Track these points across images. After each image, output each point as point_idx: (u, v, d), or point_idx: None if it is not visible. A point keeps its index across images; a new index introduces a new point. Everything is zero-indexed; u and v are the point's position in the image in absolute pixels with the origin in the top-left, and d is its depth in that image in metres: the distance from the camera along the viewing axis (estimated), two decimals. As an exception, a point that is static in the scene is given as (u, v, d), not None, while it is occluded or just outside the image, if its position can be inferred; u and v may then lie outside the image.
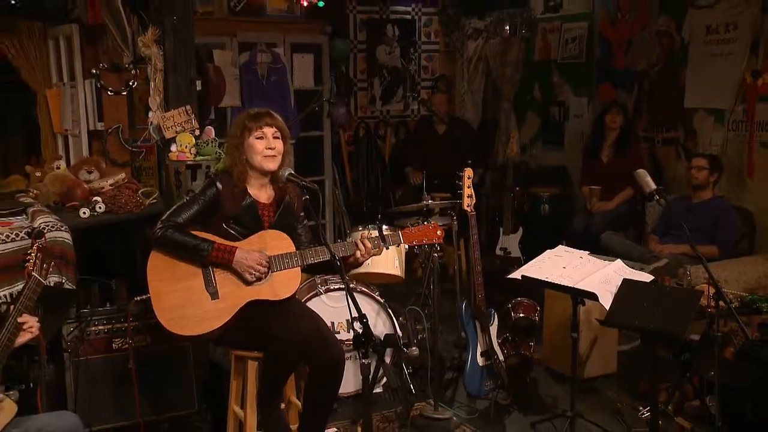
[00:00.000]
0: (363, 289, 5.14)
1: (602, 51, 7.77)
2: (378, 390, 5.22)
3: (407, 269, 5.43)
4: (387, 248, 3.92)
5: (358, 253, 3.76)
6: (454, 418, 4.97)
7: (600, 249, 6.44)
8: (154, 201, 5.44)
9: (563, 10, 8.10)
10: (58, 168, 5.81)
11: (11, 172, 8.62)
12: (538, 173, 8.35)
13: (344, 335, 5.06)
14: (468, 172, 5.14)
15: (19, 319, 3.30)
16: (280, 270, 3.68)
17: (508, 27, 8.25)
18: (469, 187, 5.12)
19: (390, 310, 5.19)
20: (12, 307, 3.42)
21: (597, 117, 7.39)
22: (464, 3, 8.94)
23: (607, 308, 4.06)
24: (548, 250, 4.83)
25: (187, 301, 3.67)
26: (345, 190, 8.75)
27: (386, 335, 5.01)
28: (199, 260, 3.69)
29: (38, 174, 5.78)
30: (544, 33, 8.29)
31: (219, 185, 3.76)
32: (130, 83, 6.26)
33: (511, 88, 8.54)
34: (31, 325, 3.36)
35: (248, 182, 3.81)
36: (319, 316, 3.94)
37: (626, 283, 4.09)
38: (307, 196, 3.83)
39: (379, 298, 5.18)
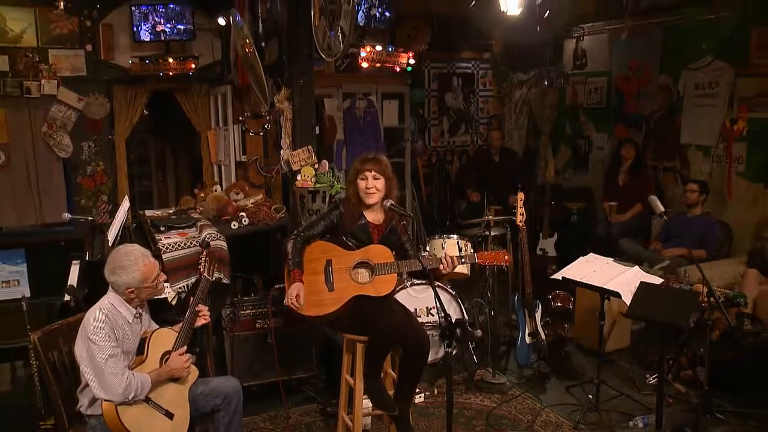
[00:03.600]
0: (438, 284, 5.04)
1: (618, 99, 7.63)
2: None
3: (473, 267, 5.34)
4: (462, 263, 3.86)
5: (441, 267, 3.69)
6: (507, 383, 4.93)
7: (617, 252, 6.37)
8: (283, 215, 5.53)
9: (588, 68, 7.95)
10: (216, 191, 5.96)
11: (184, 194, 8.92)
12: (569, 191, 8.18)
13: (424, 318, 5.06)
14: (521, 196, 5.10)
15: (197, 308, 3.42)
16: (382, 274, 3.63)
17: (546, 80, 8.15)
18: (521, 207, 5.07)
19: (459, 300, 5.15)
20: (191, 297, 3.54)
21: (615, 149, 7.29)
22: (512, 61, 8.85)
23: (628, 304, 4.02)
24: (582, 257, 4.73)
25: (310, 290, 3.64)
26: (421, 204, 8.68)
27: (457, 319, 5.07)
28: (287, 265, 3.69)
29: (202, 195, 5.92)
30: (574, 84, 8.13)
31: (341, 209, 3.76)
32: (265, 126, 6.41)
33: (548, 125, 8.40)
34: (204, 313, 3.46)
35: (363, 208, 3.75)
36: (408, 309, 3.89)
37: (643, 285, 4.04)
38: (404, 222, 3.82)
39: (450, 290, 5.15)
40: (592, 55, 7.91)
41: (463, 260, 3.78)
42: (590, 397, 4.45)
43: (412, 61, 5.23)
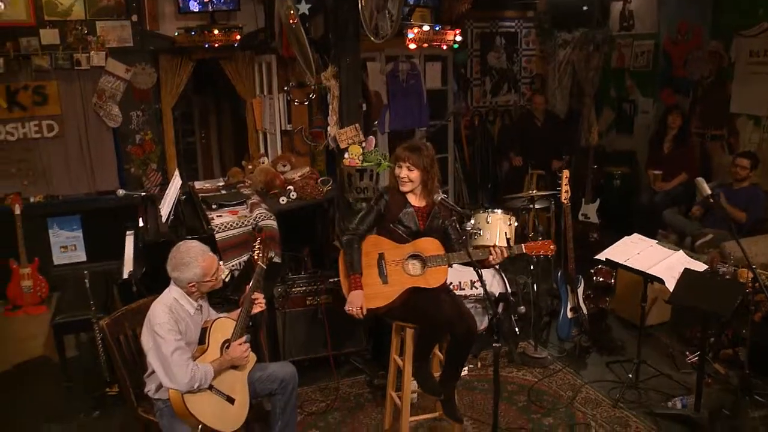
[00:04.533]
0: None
1: (665, 63, 7.54)
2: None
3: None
4: (512, 256, 3.90)
5: (490, 258, 3.78)
6: (549, 357, 5.09)
7: (661, 223, 6.44)
8: (330, 188, 5.67)
9: (635, 30, 7.86)
10: (263, 163, 6.10)
11: (226, 153, 9.11)
12: (612, 155, 8.17)
13: (467, 291, 5.18)
14: (566, 173, 5.16)
15: (253, 297, 3.60)
16: (433, 267, 3.73)
17: (591, 42, 8.06)
18: (566, 185, 5.13)
19: (502, 273, 5.25)
20: (247, 285, 3.73)
21: (661, 117, 7.26)
22: (556, 20, 8.71)
23: (671, 290, 4.12)
24: (626, 237, 4.76)
25: (364, 283, 3.76)
26: (463, 164, 8.75)
27: (500, 293, 5.25)
28: (346, 270, 3.79)
29: (250, 167, 6.07)
30: (620, 47, 8.06)
31: (386, 197, 3.86)
32: (310, 96, 6.51)
33: (592, 87, 8.31)
34: (260, 301, 3.63)
35: (412, 197, 3.84)
36: (458, 296, 4.00)
37: (686, 271, 4.10)
38: (454, 218, 3.88)
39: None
40: (640, 17, 7.80)
41: (510, 252, 3.84)
42: (630, 376, 4.59)
43: (459, 38, 5.26)
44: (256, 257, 3.77)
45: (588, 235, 7.18)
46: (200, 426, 3.23)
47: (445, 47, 5.17)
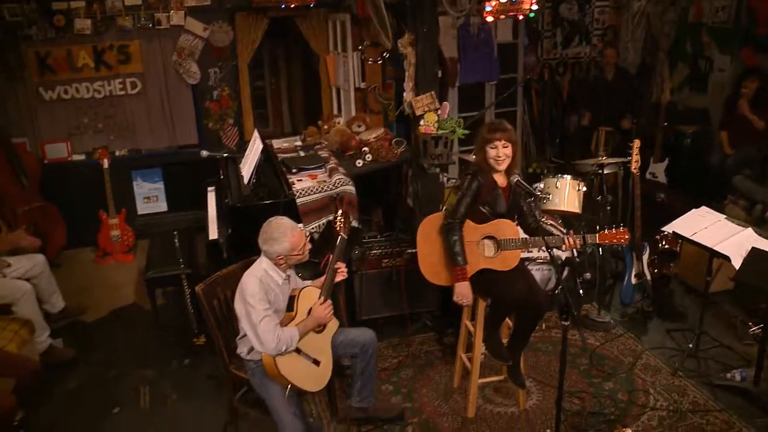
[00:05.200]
0: (551, 222, 5.35)
1: (748, 19, 7.32)
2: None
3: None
4: (587, 248, 4.05)
5: (563, 247, 3.90)
6: (611, 321, 5.30)
7: (731, 188, 6.49)
8: (404, 149, 5.91)
9: (717, -18, 7.65)
10: (338, 123, 6.38)
11: (301, 114, 9.39)
12: (684, 113, 8.10)
13: (534, 254, 5.18)
14: (637, 143, 5.25)
15: (335, 266, 3.92)
16: (507, 250, 3.93)
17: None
18: (637, 154, 5.23)
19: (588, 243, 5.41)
20: (330, 255, 4.04)
21: (738, 77, 7.16)
22: (631, -31, 8.62)
23: (737, 268, 4.23)
24: (694, 210, 4.85)
25: (439, 262, 4.04)
26: (531, 118, 8.84)
27: (566, 258, 5.45)
28: (450, 262, 3.96)
29: (326, 128, 6.35)
30: (698, 0, 7.91)
31: (480, 179, 3.95)
32: (384, 55, 6.70)
33: (666, 41, 8.23)
34: (342, 270, 3.93)
35: (493, 173, 4.02)
36: (530, 273, 4.21)
37: (754, 250, 4.20)
38: (531, 199, 4.06)
39: (561, 228, 5.38)
40: (723, -32, 7.62)
41: (584, 243, 3.95)
42: (690, 345, 4.77)
43: (535, 8, 5.34)
44: (338, 228, 4.04)
45: (654, 195, 7.25)
46: (289, 386, 3.61)
47: (521, 17, 5.27)
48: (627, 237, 3.94)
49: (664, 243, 5.57)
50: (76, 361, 5.12)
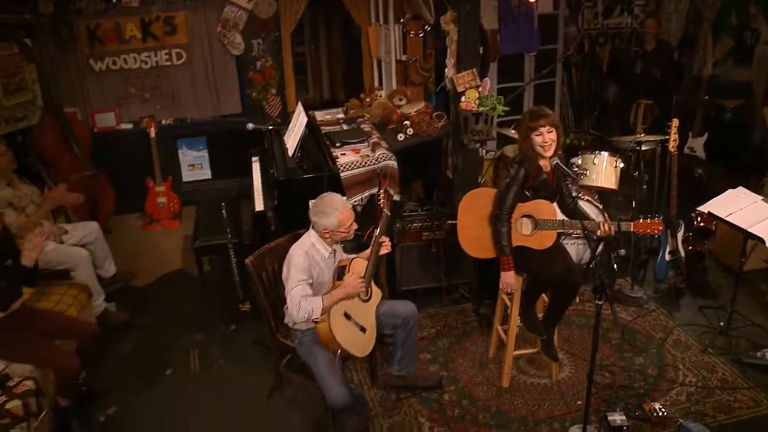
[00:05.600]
0: (588, 198, 5.45)
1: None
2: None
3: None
4: (619, 230, 4.07)
5: (599, 232, 4.01)
6: (644, 296, 5.44)
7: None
8: (444, 123, 6.06)
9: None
10: (380, 96, 6.54)
11: (340, 82, 9.55)
12: (727, 86, 8.03)
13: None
14: (675, 122, 5.31)
15: (380, 240, 4.10)
16: (544, 230, 4.09)
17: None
18: (675, 133, 5.29)
19: (605, 215, 5.44)
20: (375, 230, 4.24)
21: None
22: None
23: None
24: (730, 190, 4.90)
25: (479, 236, 4.24)
26: (570, 89, 8.91)
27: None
28: (497, 252, 4.13)
29: (368, 100, 6.51)
30: (746, -30, 7.79)
31: (526, 167, 4.04)
32: (425, 28, 6.82)
33: (711, 12, 8.14)
34: (387, 244, 4.13)
35: (539, 161, 4.10)
36: (567, 251, 4.35)
37: None
38: (568, 181, 4.18)
39: (597, 203, 5.49)
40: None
41: (618, 230, 4.06)
42: (721, 323, 4.91)
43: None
44: (381, 205, 4.26)
45: (692, 170, 7.31)
46: (339, 351, 3.83)
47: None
48: (661, 228, 4.04)
49: (699, 221, 5.66)
50: (129, 325, 5.44)
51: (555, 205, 4.21)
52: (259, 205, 5.30)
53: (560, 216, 4.24)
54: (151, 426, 4.34)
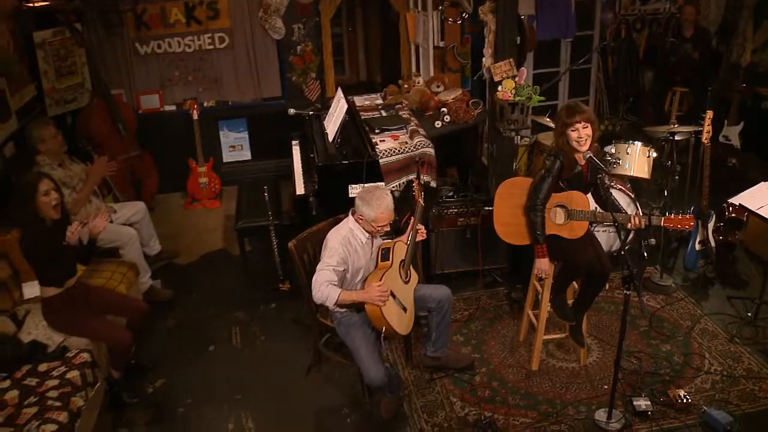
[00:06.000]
0: (620, 187, 5.57)
1: None
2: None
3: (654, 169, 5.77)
4: (650, 224, 4.20)
5: (629, 224, 4.16)
6: (673, 285, 5.57)
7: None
8: (480, 111, 6.21)
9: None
10: (418, 82, 6.71)
11: (377, 63, 9.70)
12: (765, 74, 7.99)
13: None
14: (709, 114, 5.39)
15: (417, 227, 4.32)
16: (576, 220, 4.25)
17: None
18: (708, 125, 5.38)
19: (637, 204, 5.60)
20: (413, 217, 4.46)
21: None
22: None
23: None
24: (763, 182, 4.98)
25: (514, 224, 4.41)
26: (606, 75, 8.98)
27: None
28: (531, 240, 4.32)
29: (406, 87, 6.67)
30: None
31: (561, 160, 4.20)
32: (463, 15, 6.95)
33: (753, -3, 8.17)
34: (422, 231, 4.36)
35: (574, 154, 4.26)
36: (598, 241, 4.51)
37: None
38: (601, 175, 4.29)
39: (629, 192, 5.60)
40: None
41: (649, 224, 4.19)
42: (749, 314, 5.04)
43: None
44: (416, 196, 4.46)
45: (726, 159, 7.37)
46: (384, 327, 4.02)
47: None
48: (692, 224, 4.17)
49: (730, 211, 5.77)
50: (174, 301, 5.72)
51: (588, 195, 4.37)
52: (300, 189, 5.52)
53: (593, 206, 4.38)
54: (195, 398, 4.62)
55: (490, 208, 4.67)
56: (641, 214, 4.27)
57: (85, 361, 4.25)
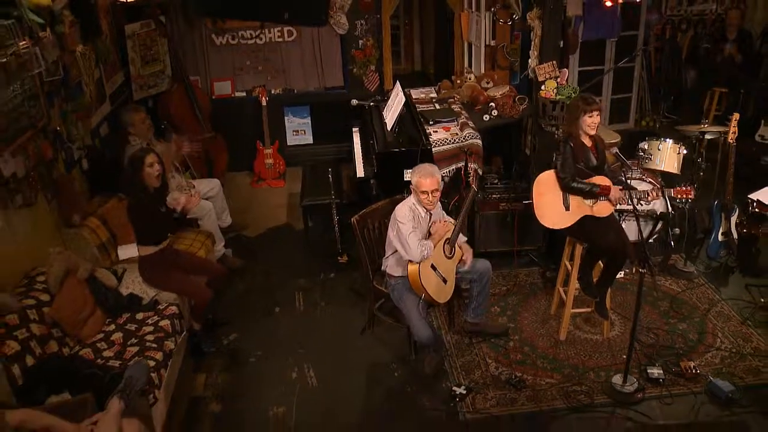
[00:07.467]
0: (650, 180, 6.11)
1: None
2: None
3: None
4: (663, 195, 4.90)
5: (648, 197, 4.87)
6: (695, 272, 6.11)
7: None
8: (525, 107, 6.87)
9: None
10: (470, 78, 7.38)
11: (432, 57, 10.35)
12: None
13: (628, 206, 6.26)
14: (736, 116, 5.88)
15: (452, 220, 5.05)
16: (602, 200, 4.86)
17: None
18: (734, 126, 5.87)
19: (665, 194, 5.88)
20: (464, 203, 5.16)
21: None
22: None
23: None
24: None
25: (551, 207, 4.99)
26: (649, 73, 9.48)
27: (661, 212, 6.30)
28: (592, 196, 4.84)
29: (458, 82, 7.35)
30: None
31: (571, 143, 4.87)
32: (513, 16, 7.58)
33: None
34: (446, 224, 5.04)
35: (584, 138, 4.91)
36: (622, 228, 5.13)
37: None
38: (624, 169, 4.96)
39: (658, 184, 6.06)
40: None
41: (662, 194, 4.92)
42: (762, 300, 5.58)
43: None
44: (471, 182, 5.15)
45: (760, 158, 7.80)
46: (423, 295, 4.72)
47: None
48: (692, 195, 4.90)
49: (754, 206, 6.27)
50: (244, 269, 6.48)
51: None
52: (360, 172, 6.27)
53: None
54: (264, 350, 5.39)
55: (528, 201, 5.27)
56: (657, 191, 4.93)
57: (173, 313, 5.05)
